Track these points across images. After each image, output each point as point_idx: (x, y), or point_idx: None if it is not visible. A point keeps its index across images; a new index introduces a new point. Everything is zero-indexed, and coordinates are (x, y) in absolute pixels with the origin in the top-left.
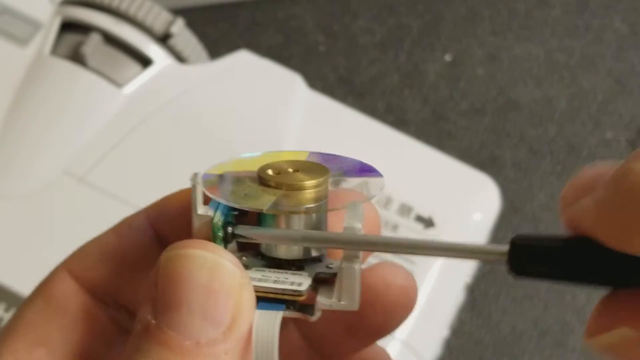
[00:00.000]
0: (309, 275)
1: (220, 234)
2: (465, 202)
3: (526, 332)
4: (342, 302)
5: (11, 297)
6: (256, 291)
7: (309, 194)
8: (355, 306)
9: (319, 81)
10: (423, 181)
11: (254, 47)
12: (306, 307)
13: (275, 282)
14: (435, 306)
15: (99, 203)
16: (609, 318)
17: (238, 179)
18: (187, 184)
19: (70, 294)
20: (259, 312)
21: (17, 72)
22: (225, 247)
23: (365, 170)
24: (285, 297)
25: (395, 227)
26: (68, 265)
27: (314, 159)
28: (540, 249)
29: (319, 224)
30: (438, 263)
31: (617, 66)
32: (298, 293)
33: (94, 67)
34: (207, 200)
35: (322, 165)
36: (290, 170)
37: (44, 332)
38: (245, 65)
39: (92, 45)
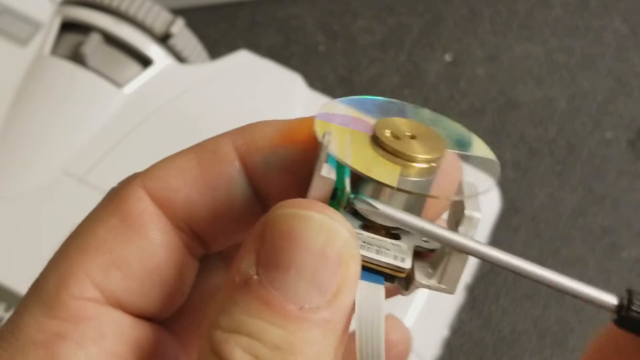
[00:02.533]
0: (408, 248)
1: (344, 200)
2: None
3: (526, 332)
4: (442, 285)
5: (11, 297)
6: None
7: (428, 169)
8: (453, 292)
9: (319, 81)
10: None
11: (254, 47)
12: (402, 280)
13: (377, 252)
14: (435, 306)
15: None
16: None
17: (354, 136)
18: None
19: (150, 214)
20: (361, 283)
21: (18, 72)
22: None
23: (466, 143)
24: (387, 270)
25: None
26: (145, 184)
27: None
28: None
29: (420, 202)
30: None
31: (617, 66)
32: (401, 270)
33: (94, 67)
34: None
35: (438, 134)
36: (408, 134)
37: (120, 254)
38: (245, 65)
39: (92, 45)
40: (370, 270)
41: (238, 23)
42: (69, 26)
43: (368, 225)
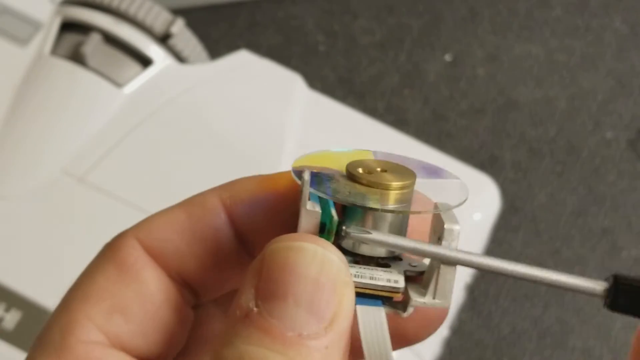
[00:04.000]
0: (398, 273)
1: (334, 229)
2: (465, 202)
3: (526, 332)
4: (436, 300)
5: (11, 297)
6: (356, 287)
7: (403, 194)
8: (448, 304)
9: (319, 81)
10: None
11: (254, 47)
12: (398, 304)
13: (371, 278)
14: None
15: (98, 203)
16: None
17: (330, 177)
18: (189, 184)
19: (143, 262)
20: (360, 307)
21: (18, 72)
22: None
23: (433, 171)
24: (383, 293)
25: None
26: (137, 234)
27: (384, 159)
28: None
29: (403, 225)
30: None
31: (617, 66)
32: (396, 290)
33: (94, 67)
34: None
35: (405, 167)
36: (379, 169)
37: (121, 299)
38: (245, 65)
39: (92, 45)
40: (367, 296)
41: (238, 23)
42: (69, 26)
43: (357, 260)
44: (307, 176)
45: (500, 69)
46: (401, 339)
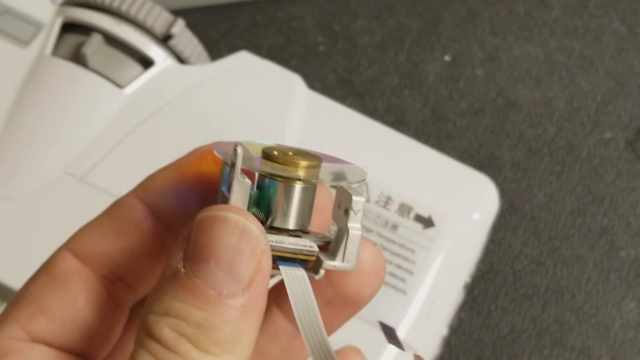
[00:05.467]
0: (310, 241)
1: (252, 201)
2: (465, 202)
3: (525, 332)
4: (345, 264)
5: (12, 297)
6: (277, 250)
7: (315, 172)
8: (354, 267)
9: (319, 81)
10: (422, 181)
11: (254, 47)
12: (311, 268)
13: (289, 244)
14: (435, 305)
15: (99, 203)
16: None
17: (250, 157)
18: None
19: (72, 270)
20: (284, 268)
21: (19, 73)
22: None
23: (334, 159)
24: (300, 256)
25: (394, 227)
26: (69, 246)
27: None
28: None
29: (312, 200)
30: (438, 262)
31: (616, 67)
32: (311, 252)
33: (95, 67)
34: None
35: (311, 152)
36: (290, 153)
37: (45, 303)
38: (245, 66)
39: (93, 45)
40: (287, 260)
41: (238, 23)
42: (70, 27)
43: (272, 230)
44: (240, 150)
45: (500, 69)
46: (347, 301)
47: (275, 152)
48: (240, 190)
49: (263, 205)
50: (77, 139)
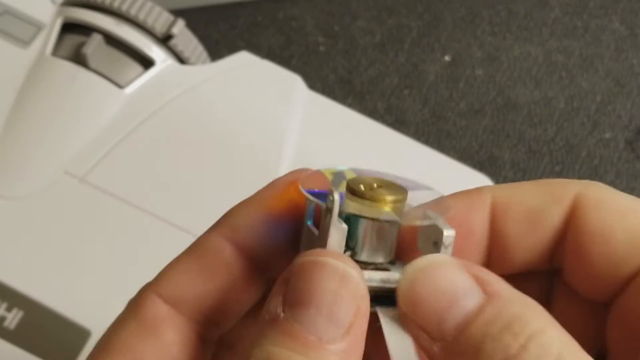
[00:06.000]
0: (400, 274)
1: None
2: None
3: None
4: None
5: (13, 297)
6: (371, 290)
7: (401, 206)
8: None
9: (319, 82)
10: (422, 181)
11: (254, 47)
12: None
13: (381, 281)
14: None
15: (100, 203)
16: None
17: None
18: (190, 184)
19: (163, 316)
20: (379, 308)
21: (19, 73)
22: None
23: (411, 184)
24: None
25: None
26: (157, 290)
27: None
28: None
29: (395, 231)
30: None
31: (616, 67)
32: None
33: (95, 68)
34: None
35: (395, 183)
36: (375, 185)
37: (138, 352)
38: (245, 66)
39: (94, 46)
40: (380, 297)
41: (238, 24)
42: (70, 27)
43: (359, 264)
44: (336, 196)
45: (500, 69)
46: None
47: (362, 187)
48: (338, 235)
49: (348, 239)
50: (78, 139)
